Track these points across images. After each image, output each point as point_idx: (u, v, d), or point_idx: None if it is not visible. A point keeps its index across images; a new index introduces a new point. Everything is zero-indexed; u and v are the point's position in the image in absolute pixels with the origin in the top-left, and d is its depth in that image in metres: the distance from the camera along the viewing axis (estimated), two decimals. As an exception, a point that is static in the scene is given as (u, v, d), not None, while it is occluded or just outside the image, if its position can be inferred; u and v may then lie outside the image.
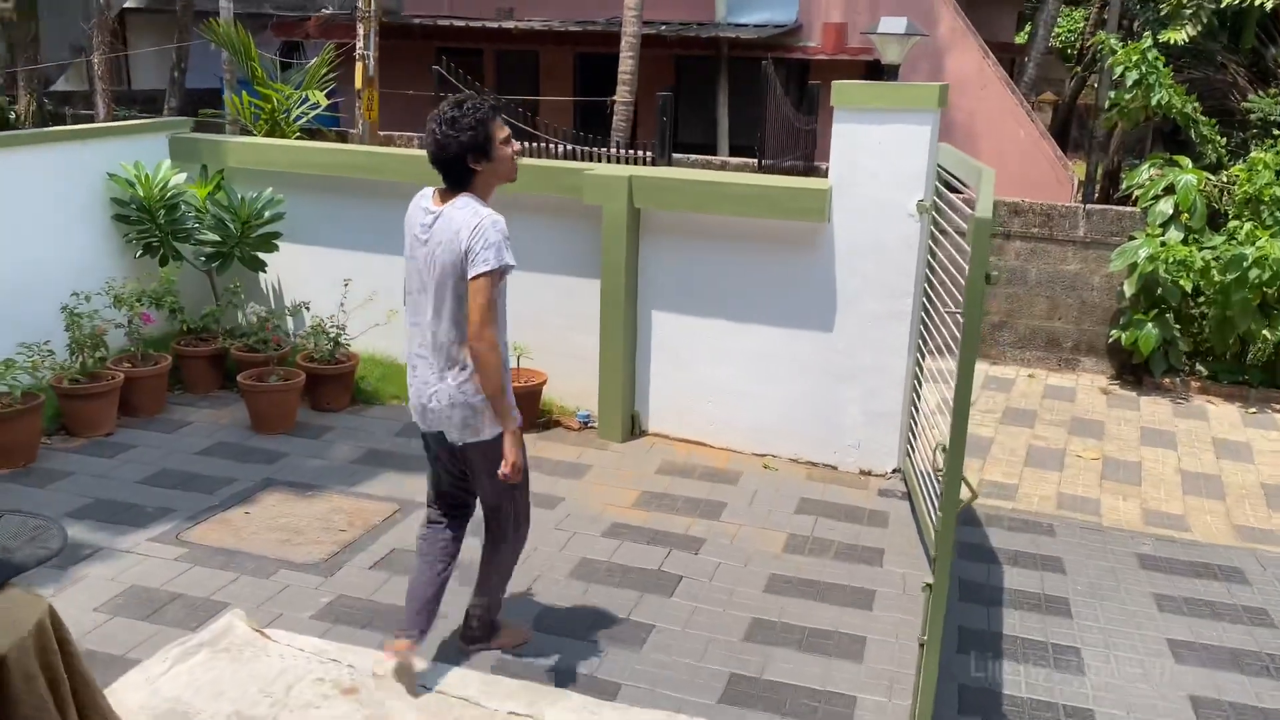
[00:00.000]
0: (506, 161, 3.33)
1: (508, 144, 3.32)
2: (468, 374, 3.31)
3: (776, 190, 5.25)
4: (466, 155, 3.22)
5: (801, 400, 5.55)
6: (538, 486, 5.16)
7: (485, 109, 3.25)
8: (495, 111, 3.29)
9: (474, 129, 3.20)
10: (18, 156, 5.79)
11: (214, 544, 4.46)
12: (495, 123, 3.26)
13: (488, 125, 3.23)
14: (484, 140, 3.22)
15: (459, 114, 3.21)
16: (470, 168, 3.26)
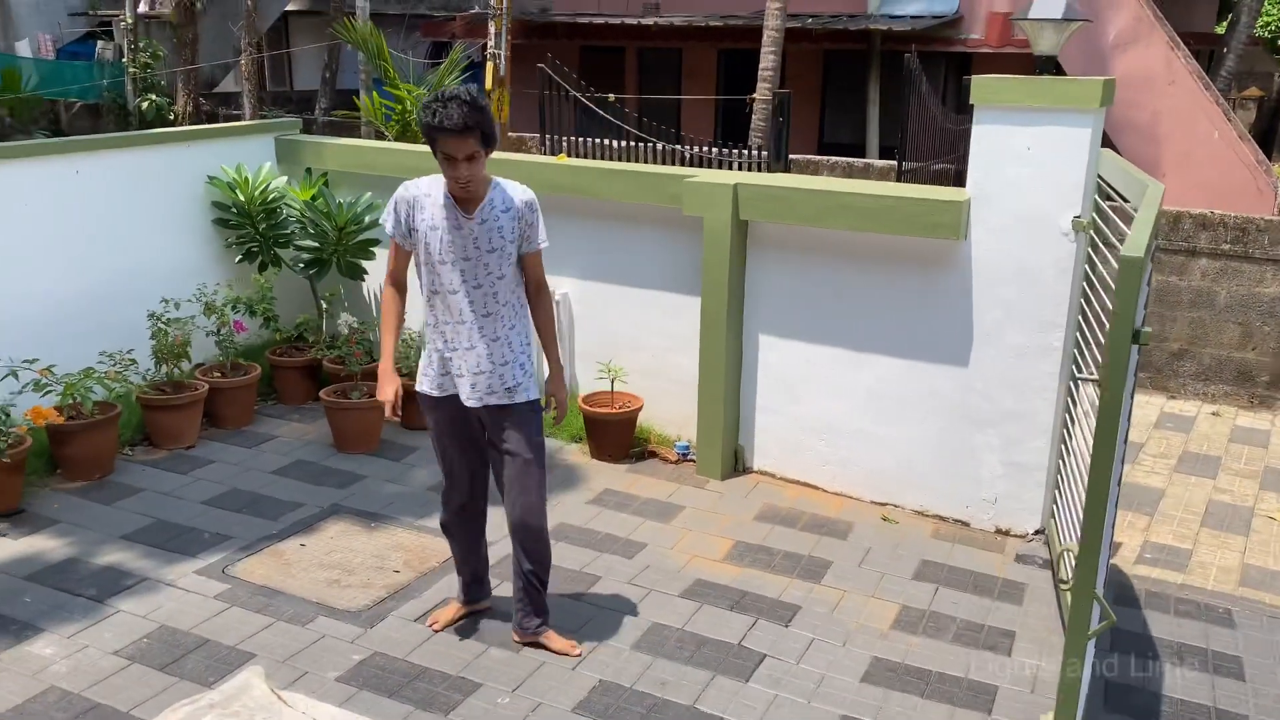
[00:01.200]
0: (446, 175, 3.28)
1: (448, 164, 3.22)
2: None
3: (904, 202, 4.53)
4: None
5: (929, 444, 4.81)
6: (619, 529, 4.65)
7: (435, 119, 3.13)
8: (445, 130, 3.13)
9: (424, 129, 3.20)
10: (117, 158, 5.67)
11: (259, 580, 4.13)
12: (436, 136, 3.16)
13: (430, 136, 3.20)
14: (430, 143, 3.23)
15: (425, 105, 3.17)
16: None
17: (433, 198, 3.34)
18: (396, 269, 3.50)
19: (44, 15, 21.88)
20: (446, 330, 3.42)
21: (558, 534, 4.60)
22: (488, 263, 3.35)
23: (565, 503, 4.94)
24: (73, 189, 5.41)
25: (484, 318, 3.40)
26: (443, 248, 3.33)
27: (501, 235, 3.35)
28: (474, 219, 3.33)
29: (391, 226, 3.40)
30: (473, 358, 3.41)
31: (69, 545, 4.37)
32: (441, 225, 3.32)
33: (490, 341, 3.42)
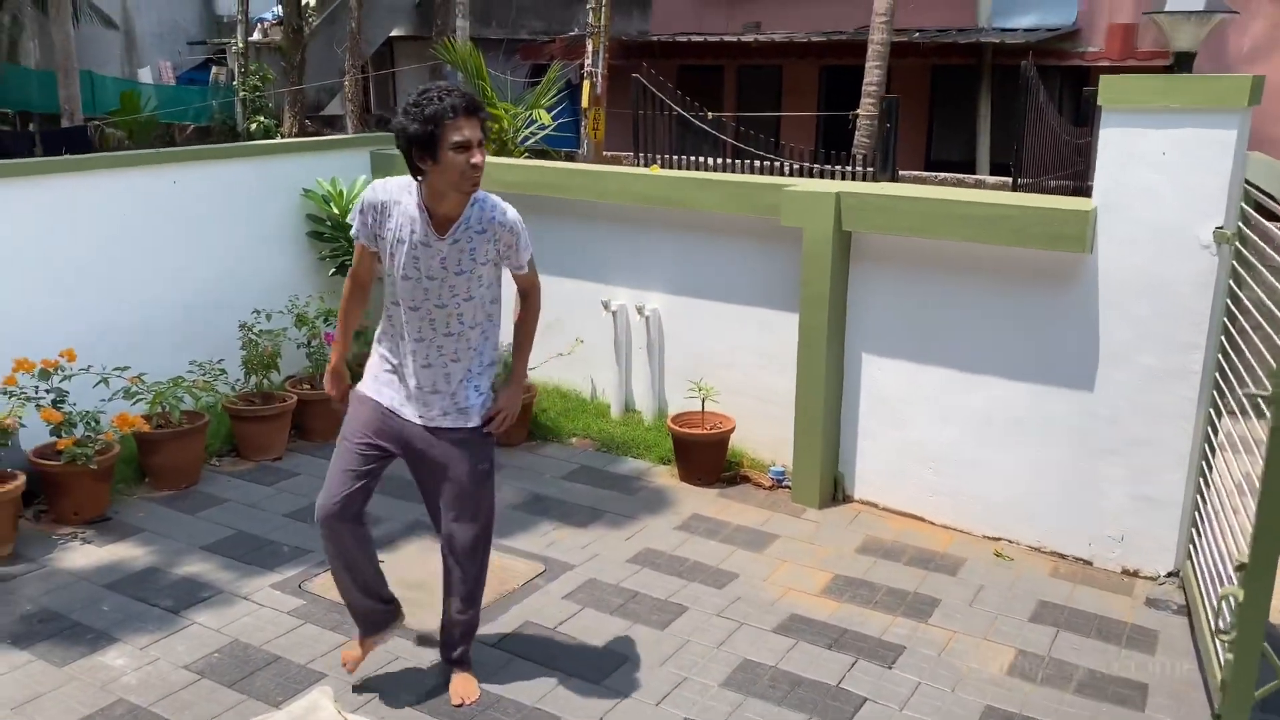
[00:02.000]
0: (453, 171, 2.91)
1: (464, 151, 2.90)
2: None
3: (1022, 211, 4.19)
4: (411, 149, 2.92)
5: (1048, 475, 4.43)
6: (708, 557, 4.39)
7: (444, 103, 2.87)
8: (458, 110, 2.87)
9: (422, 123, 2.87)
10: (214, 170, 5.69)
11: (334, 597, 3.95)
12: (450, 123, 2.86)
13: (438, 123, 2.86)
14: (428, 138, 2.87)
15: (416, 100, 2.90)
16: (416, 164, 2.95)
17: (403, 206, 3.04)
18: (359, 269, 3.27)
19: (166, 44, 22.88)
20: (401, 344, 3.16)
21: (642, 559, 4.37)
22: (454, 285, 3.07)
23: (651, 527, 4.70)
24: (170, 199, 5.44)
25: (445, 337, 3.14)
26: (406, 263, 3.04)
27: (472, 258, 3.06)
28: (445, 239, 3.03)
29: (357, 228, 3.16)
30: (427, 376, 3.15)
31: (150, 554, 4.32)
32: (408, 240, 3.03)
33: (450, 361, 3.15)
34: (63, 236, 4.99)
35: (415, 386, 3.16)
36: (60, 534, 4.48)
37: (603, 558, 4.39)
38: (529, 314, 3.41)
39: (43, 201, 4.92)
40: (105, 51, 21.95)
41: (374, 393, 3.23)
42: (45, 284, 4.93)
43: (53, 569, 4.18)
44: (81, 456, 4.40)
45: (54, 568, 4.19)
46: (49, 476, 4.47)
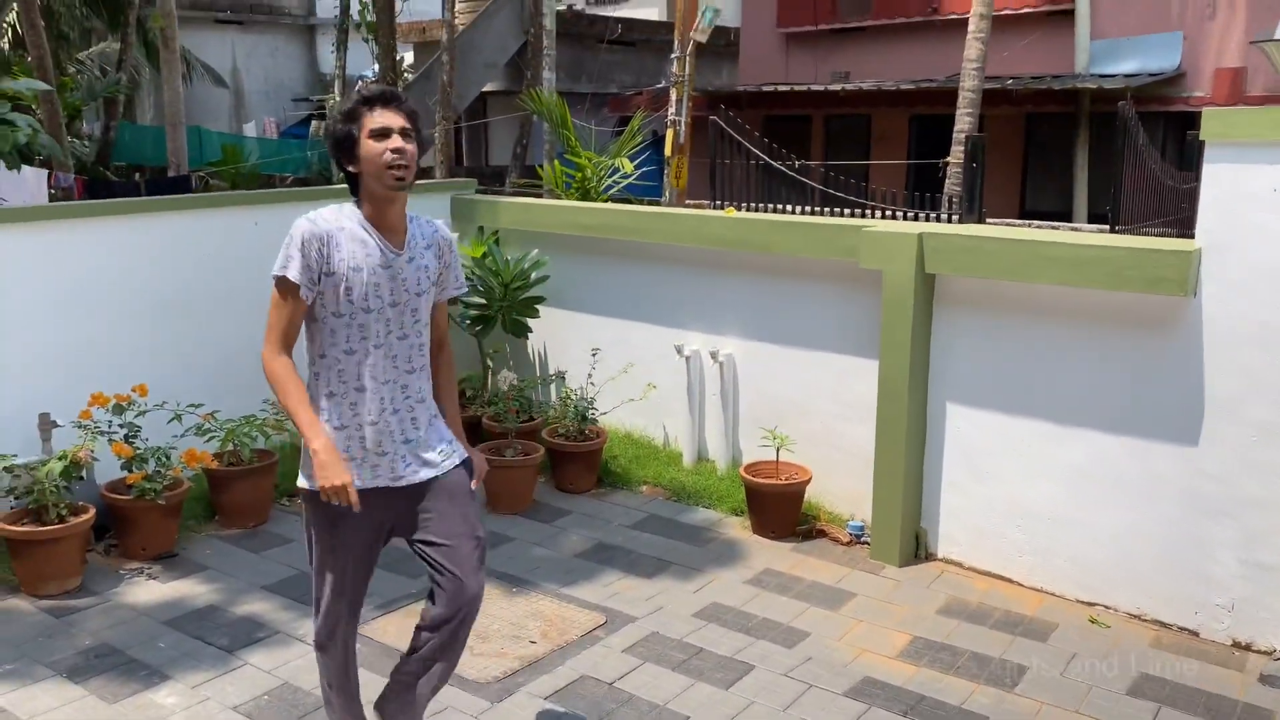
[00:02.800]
0: (373, 160, 2.63)
1: (383, 138, 2.63)
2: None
3: (1118, 252, 3.93)
4: (339, 158, 2.72)
5: (1149, 536, 4.10)
6: (779, 614, 4.17)
7: (357, 98, 2.67)
8: (372, 101, 2.65)
9: (340, 121, 2.67)
10: (297, 211, 5.73)
11: (389, 641, 3.90)
12: (366, 113, 2.64)
13: (354, 118, 2.65)
14: (347, 136, 2.65)
15: (340, 103, 2.71)
16: (346, 170, 2.73)
17: (347, 231, 2.68)
18: (290, 330, 2.68)
19: (272, 101, 23.90)
20: (358, 398, 2.71)
21: (708, 615, 4.17)
22: (416, 308, 2.77)
23: (720, 580, 4.50)
24: (251, 240, 5.51)
25: (408, 374, 2.79)
26: (368, 293, 2.67)
27: (428, 275, 2.79)
28: (402, 254, 2.73)
29: (298, 272, 2.63)
30: (396, 426, 2.75)
31: (212, 592, 4.29)
32: (364, 264, 2.67)
33: (417, 403, 2.81)
34: (148, 274, 5.09)
35: (382, 444, 2.74)
36: (127, 569, 4.49)
37: (667, 611, 4.20)
38: (449, 363, 3.01)
39: (130, 240, 5.04)
40: (216, 109, 23.03)
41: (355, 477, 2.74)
42: (130, 320, 5.02)
43: (116, 603, 4.18)
44: (150, 491, 4.41)
45: (117, 602, 4.19)
46: (119, 511, 4.50)
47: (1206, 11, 11.48)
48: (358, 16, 14.94)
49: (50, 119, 12.50)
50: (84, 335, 4.85)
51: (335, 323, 2.69)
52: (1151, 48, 11.60)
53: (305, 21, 24.34)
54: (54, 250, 4.78)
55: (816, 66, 15.53)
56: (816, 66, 15.53)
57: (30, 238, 4.72)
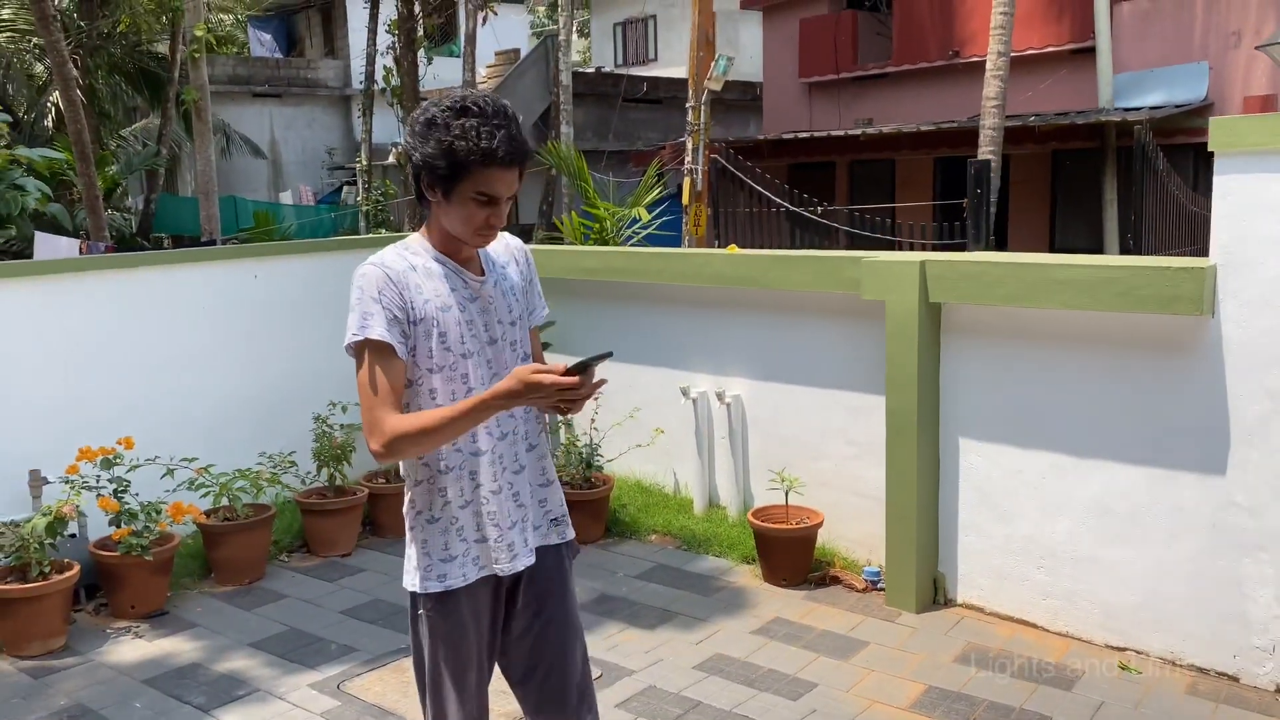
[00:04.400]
0: (465, 221, 2.18)
1: (485, 204, 2.16)
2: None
3: (1129, 272, 3.73)
4: (421, 175, 2.19)
5: (1179, 574, 3.83)
6: (785, 665, 3.95)
7: (479, 143, 2.09)
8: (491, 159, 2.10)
9: (442, 154, 2.12)
10: (295, 264, 5.75)
11: (371, 699, 3.72)
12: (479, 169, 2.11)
13: (467, 164, 2.10)
14: (447, 174, 2.12)
15: (442, 121, 2.13)
16: (421, 190, 2.23)
17: (421, 268, 2.23)
18: (396, 390, 2.17)
19: (309, 170, 24.40)
20: (479, 465, 2.28)
21: (710, 666, 3.95)
22: (514, 339, 2.34)
23: (726, 630, 4.28)
24: (250, 292, 5.49)
25: (524, 421, 2.36)
26: (464, 332, 2.24)
27: (515, 295, 2.36)
28: (486, 279, 2.31)
29: (384, 328, 2.14)
30: (523, 485, 2.35)
31: (196, 650, 4.16)
32: (452, 301, 2.23)
33: (538, 457, 2.40)
34: (144, 328, 5.06)
35: (511, 510, 2.32)
36: (115, 627, 4.38)
37: (667, 663, 3.99)
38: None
39: (126, 294, 5.02)
40: (255, 178, 23.55)
41: (451, 578, 2.28)
42: (124, 374, 4.98)
43: (98, 663, 4.06)
44: (136, 547, 4.32)
45: (99, 662, 4.07)
46: (106, 568, 4.41)
47: (1231, 40, 11.28)
48: (383, 83, 15.21)
49: (87, 191, 12.80)
50: (77, 390, 4.81)
51: (435, 380, 2.22)
52: (1177, 79, 11.39)
53: (341, 92, 24.91)
54: (48, 305, 4.77)
55: (840, 115, 15.49)
56: (840, 115, 15.49)
57: (24, 293, 4.71)
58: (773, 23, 17.19)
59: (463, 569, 2.28)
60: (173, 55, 16.47)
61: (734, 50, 21.66)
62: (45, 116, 19.48)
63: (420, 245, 2.26)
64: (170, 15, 16.12)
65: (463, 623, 2.30)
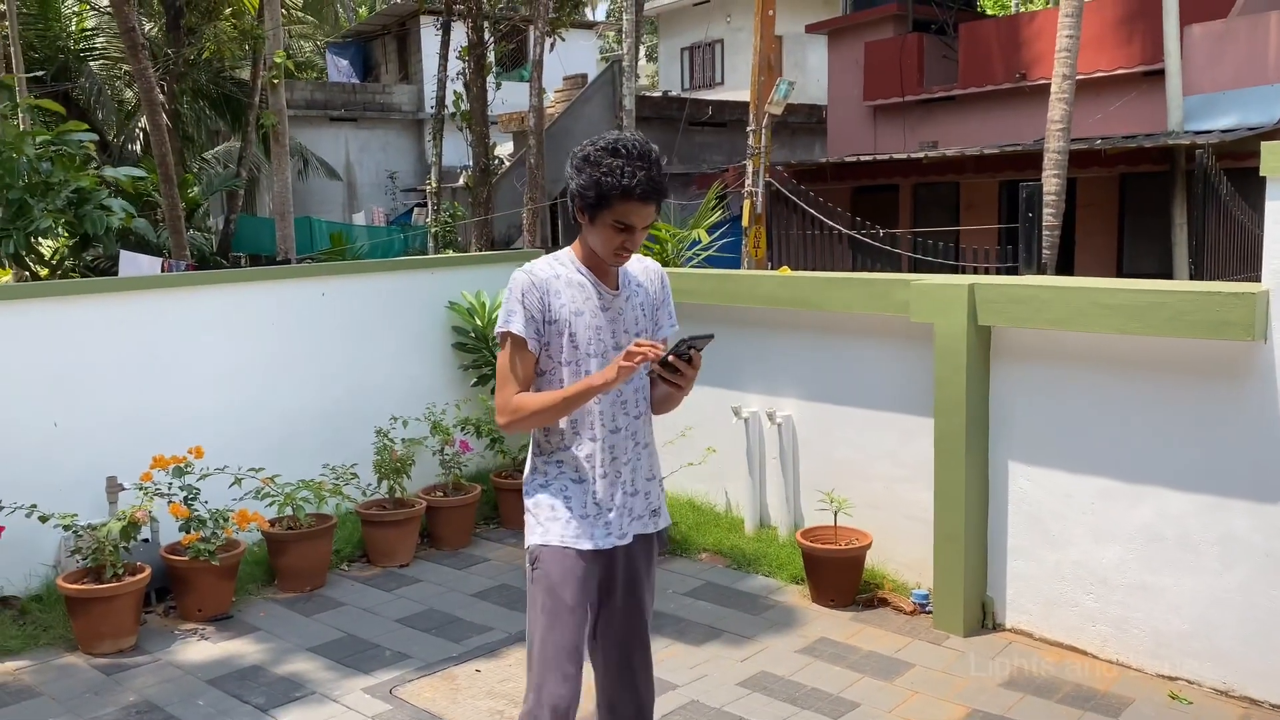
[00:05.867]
0: (605, 241, 2.58)
1: (622, 232, 2.54)
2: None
3: (1178, 297, 3.71)
4: (574, 200, 2.61)
5: (1232, 603, 3.77)
6: (829, 684, 3.97)
7: (622, 180, 2.46)
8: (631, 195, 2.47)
9: (592, 186, 2.52)
10: (363, 282, 5.94)
11: (421, 705, 3.84)
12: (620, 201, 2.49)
13: (610, 194, 2.49)
14: (594, 202, 2.53)
15: (596, 159, 2.52)
16: (574, 211, 2.64)
17: (564, 277, 2.65)
18: (526, 382, 2.65)
19: (381, 192, 24.98)
20: (594, 450, 2.67)
21: (754, 684, 3.99)
22: None
23: (772, 648, 4.32)
24: (319, 310, 5.70)
25: (636, 420, 2.73)
26: (591, 336, 2.65)
27: (643, 312, 2.76)
28: (619, 294, 2.71)
29: (522, 325, 2.61)
30: (629, 475, 2.71)
31: (258, 653, 4.33)
32: (586, 308, 2.65)
33: (644, 449, 2.77)
34: (216, 342, 5.29)
35: (616, 495, 2.69)
36: (182, 629, 4.57)
37: (711, 679, 4.04)
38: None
39: (201, 310, 5.26)
40: (330, 200, 24.20)
41: (573, 539, 2.64)
42: (198, 385, 5.21)
43: (166, 662, 4.25)
44: (204, 553, 4.51)
45: (167, 661, 4.26)
46: (176, 572, 4.61)
47: (1306, 61, 11.01)
48: (453, 108, 15.58)
49: (170, 211, 13.33)
50: (153, 400, 5.05)
51: (564, 373, 2.64)
52: (1249, 101, 11.13)
53: (414, 116, 25.49)
54: (129, 320, 5.02)
55: (905, 138, 15.44)
56: (905, 138, 15.44)
57: (108, 308, 4.97)
58: (838, 46, 17.22)
59: (563, 531, 2.65)
60: (254, 81, 17.07)
61: (800, 73, 21.75)
62: (133, 140, 20.30)
63: (569, 257, 2.70)
64: (252, 42, 16.73)
65: (564, 575, 2.62)
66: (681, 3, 25.79)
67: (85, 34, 21.29)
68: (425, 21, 23.72)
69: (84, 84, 19.56)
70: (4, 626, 4.42)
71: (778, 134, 16.00)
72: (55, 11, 19.98)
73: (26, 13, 18.59)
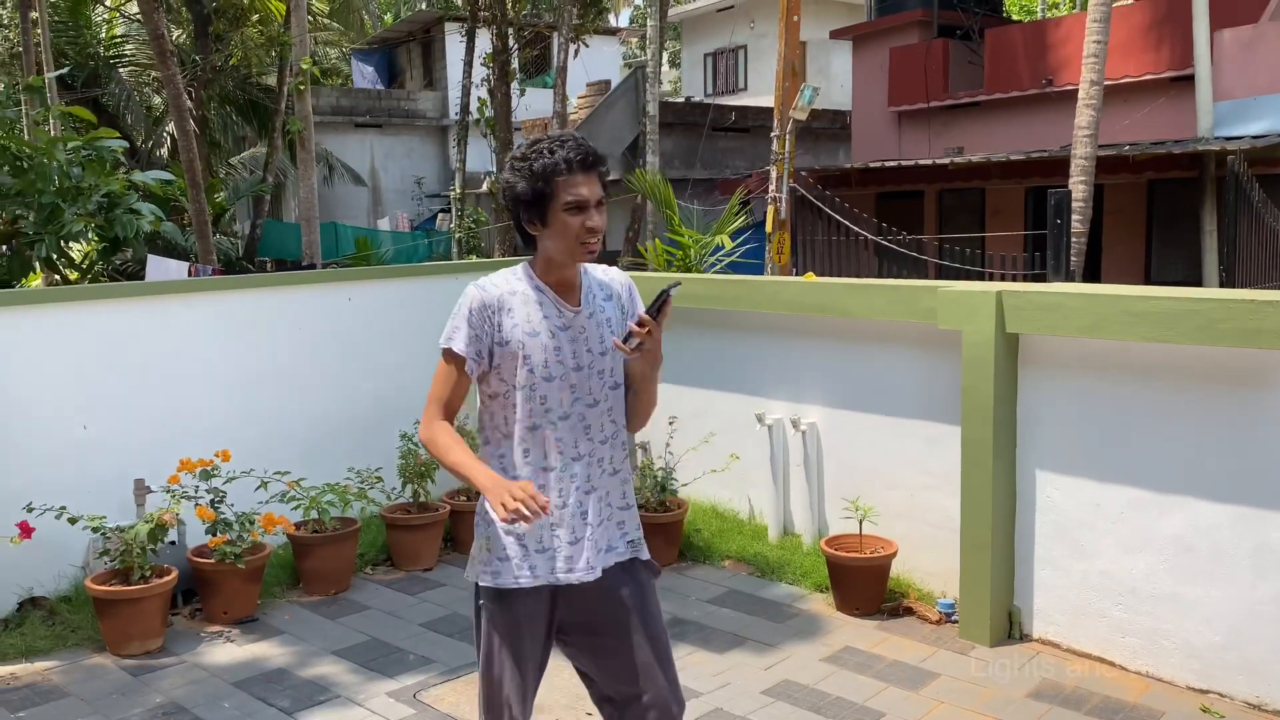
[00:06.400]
0: (567, 235, 2.40)
1: (579, 212, 2.38)
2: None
3: (1210, 305, 3.66)
4: (518, 210, 2.45)
5: (1265, 615, 3.71)
6: (853, 694, 3.94)
7: (554, 156, 2.37)
8: (573, 165, 2.37)
9: (530, 179, 2.38)
10: (388, 288, 5.97)
11: (444, 709, 3.85)
12: (563, 180, 2.37)
13: (549, 180, 2.37)
14: (538, 198, 2.38)
15: (524, 154, 2.43)
16: (523, 227, 2.48)
17: (520, 295, 2.47)
18: (453, 402, 2.50)
19: (406, 198, 25.13)
20: (549, 479, 2.48)
21: (777, 692, 3.97)
22: (602, 369, 2.52)
23: (796, 657, 4.29)
24: (345, 315, 5.73)
25: (602, 445, 2.53)
26: (549, 358, 2.45)
27: (611, 329, 2.54)
28: (581, 310, 2.50)
29: (465, 344, 2.44)
30: (592, 505, 2.50)
31: (283, 656, 4.35)
32: (542, 328, 2.45)
33: (611, 476, 2.56)
34: (242, 347, 5.33)
35: (575, 526, 2.49)
36: (208, 631, 4.60)
37: (735, 687, 4.03)
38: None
39: (228, 314, 5.30)
40: (355, 205, 24.37)
41: (515, 576, 2.46)
42: (224, 389, 5.25)
43: (192, 664, 4.27)
44: (230, 555, 4.54)
45: (193, 663, 4.28)
46: (202, 574, 4.64)
47: (1340, 66, 10.87)
48: (477, 114, 15.65)
49: (197, 216, 13.48)
50: (180, 404, 5.09)
51: (515, 396, 2.46)
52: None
53: (439, 123, 25.64)
54: (157, 323, 5.06)
55: (930, 143, 15.36)
56: (930, 143, 15.36)
57: (136, 312, 5.02)
58: (863, 52, 17.17)
59: (517, 572, 2.46)
60: (280, 87, 17.22)
61: (825, 79, 21.68)
62: (161, 146, 20.54)
63: (526, 273, 2.52)
64: (279, 49, 16.89)
65: (516, 621, 2.48)
66: (705, 9, 25.81)
67: (115, 41, 21.58)
68: (450, 28, 23.88)
69: (113, 90, 19.81)
70: (33, 627, 4.46)
71: (802, 140, 15.97)
72: (86, 19, 20.25)
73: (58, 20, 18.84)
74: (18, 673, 4.20)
